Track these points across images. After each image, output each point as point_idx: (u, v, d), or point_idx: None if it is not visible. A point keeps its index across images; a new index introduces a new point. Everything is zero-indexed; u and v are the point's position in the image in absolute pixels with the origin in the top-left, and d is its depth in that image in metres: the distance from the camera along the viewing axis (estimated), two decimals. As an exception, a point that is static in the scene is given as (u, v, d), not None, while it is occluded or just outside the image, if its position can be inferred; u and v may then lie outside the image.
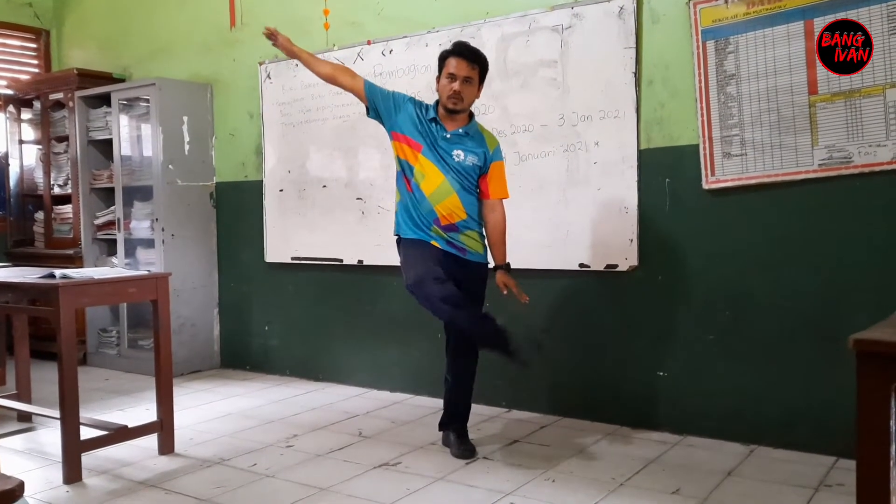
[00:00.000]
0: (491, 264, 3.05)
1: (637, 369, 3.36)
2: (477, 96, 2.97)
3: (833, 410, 2.88)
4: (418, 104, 3.01)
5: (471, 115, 3.01)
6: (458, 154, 2.92)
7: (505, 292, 2.98)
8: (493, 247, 3.01)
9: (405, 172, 2.97)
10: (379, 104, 3.00)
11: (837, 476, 2.72)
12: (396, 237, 3.05)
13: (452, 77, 2.88)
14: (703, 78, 3.13)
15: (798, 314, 2.99)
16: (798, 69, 2.92)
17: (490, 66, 3.64)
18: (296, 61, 4.32)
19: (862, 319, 1.87)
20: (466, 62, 2.89)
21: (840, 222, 2.90)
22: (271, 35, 3.12)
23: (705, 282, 3.20)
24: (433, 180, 2.91)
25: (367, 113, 3.07)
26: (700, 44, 3.13)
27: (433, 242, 2.94)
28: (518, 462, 2.96)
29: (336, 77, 3.09)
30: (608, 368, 3.44)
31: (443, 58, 2.95)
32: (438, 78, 2.96)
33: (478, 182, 2.99)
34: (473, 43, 3.35)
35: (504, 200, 3.03)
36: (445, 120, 2.95)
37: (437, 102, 2.99)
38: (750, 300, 3.09)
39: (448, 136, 2.93)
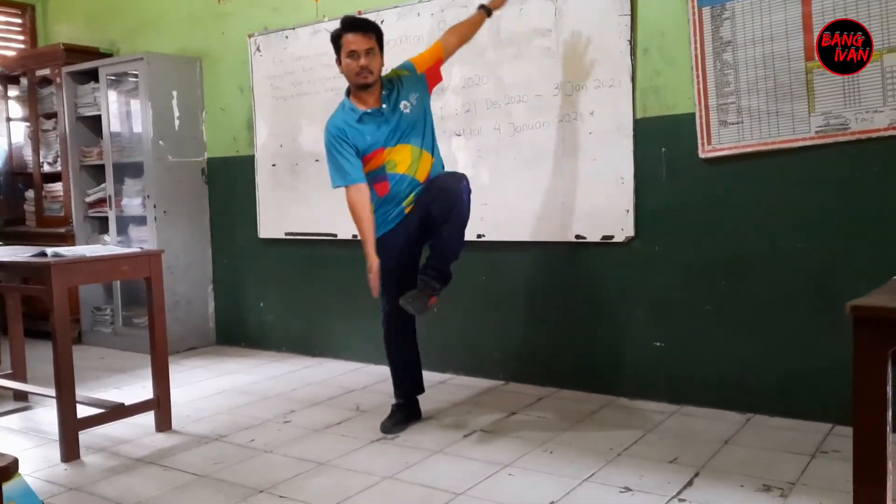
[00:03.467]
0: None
1: (634, 340, 3.36)
2: (382, 64, 2.91)
3: (830, 377, 2.89)
4: (343, 121, 2.89)
5: (380, 81, 2.92)
6: (406, 105, 2.90)
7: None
8: (470, 26, 3.09)
9: (375, 181, 2.93)
10: (359, 164, 2.89)
11: (834, 443, 2.73)
12: None
13: (354, 54, 2.81)
14: (699, 45, 3.09)
15: (795, 282, 2.99)
16: (794, 35, 2.88)
17: (483, 36, 3.59)
18: (286, 34, 4.30)
19: (859, 286, 1.86)
20: (362, 34, 2.83)
21: (837, 189, 2.89)
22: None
23: (702, 251, 3.19)
24: (404, 156, 2.90)
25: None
26: (696, 10, 3.08)
27: (406, 209, 2.93)
28: (516, 434, 2.96)
29: (370, 205, 2.94)
30: (605, 339, 3.44)
31: (336, 38, 2.88)
32: (339, 61, 2.88)
33: (429, 83, 2.99)
34: (465, 12, 3.30)
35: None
36: (365, 102, 2.88)
37: (348, 93, 2.92)
38: (747, 269, 3.09)
39: (383, 108, 2.88)
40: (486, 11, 3.13)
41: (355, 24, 2.86)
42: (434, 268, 2.93)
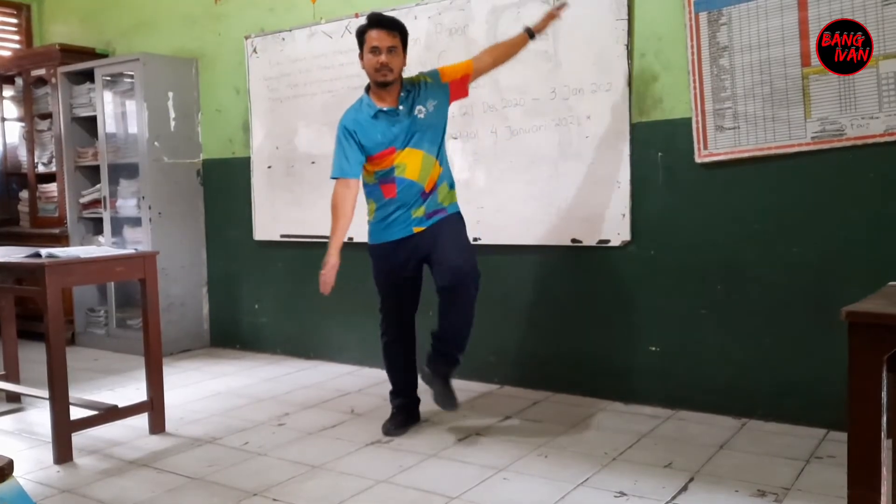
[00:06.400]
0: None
1: (629, 344, 3.36)
2: (404, 64, 2.90)
3: (825, 382, 2.89)
4: (355, 116, 2.89)
5: (401, 81, 2.92)
6: (420, 110, 2.88)
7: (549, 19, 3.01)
8: (508, 47, 3.02)
9: (383, 181, 2.91)
10: (358, 159, 2.89)
11: (829, 448, 2.74)
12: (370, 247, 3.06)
13: (376, 50, 2.81)
14: (695, 50, 3.10)
15: (790, 287, 2.99)
16: (791, 41, 2.89)
17: (480, 38, 3.59)
18: (282, 36, 4.29)
19: (854, 291, 1.87)
20: (386, 32, 2.82)
21: (833, 195, 2.89)
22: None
23: (698, 256, 3.19)
24: (414, 162, 2.87)
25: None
26: (693, 15, 3.09)
27: (415, 229, 2.92)
28: (511, 438, 2.96)
29: (352, 204, 2.97)
30: (601, 344, 3.44)
31: (361, 33, 2.88)
32: (361, 56, 2.88)
33: (448, 107, 2.98)
34: (463, 15, 3.31)
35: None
36: (383, 99, 2.87)
37: (367, 89, 2.92)
38: (742, 274, 3.09)
39: (399, 109, 2.87)
40: (530, 33, 3.02)
41: (379, 21, 2.85)
42: (440, 353, 2.96)
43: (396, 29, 2.86)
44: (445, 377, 2.97)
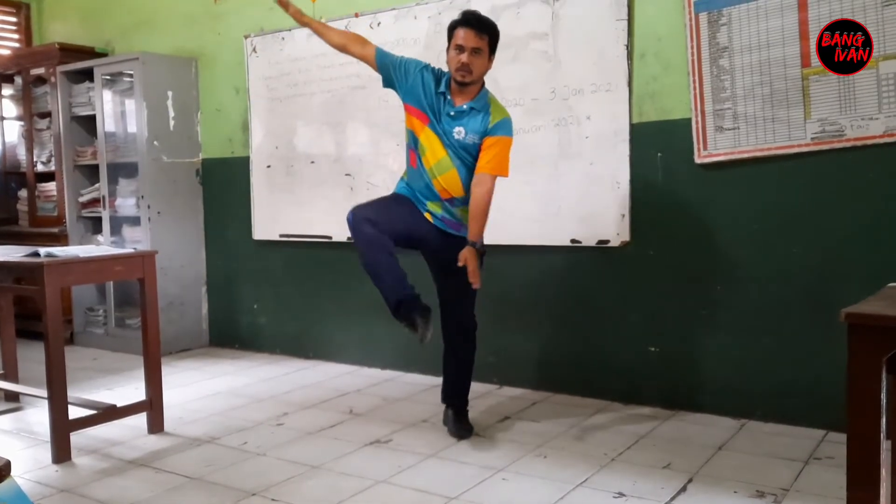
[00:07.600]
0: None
1: (629, 344, 3.36)
2: (488, 67, 2.85)
3: (824, 384, 2.89)
4: (433, 73, 2.89)
5: (482, 86, 2.89)
6: (459, 131, 2.83)
7: (460, 264, 2.75)
8: (469, 220, 2.85)
9: (411, 144, 2.93)
10: (391, 73, 2.90)
11: (827, 449, 2.74)
12: None
13: (460, 49, 2.76)
14: (695, 51, 3.09)
15: (790, 288, 2.99)
16: (791, 41, 2.89)
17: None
18: (282, 35, 4.29)
19: (854, 293, 1.86)
20: (474, 32, 2.76)
21: (832, 196, 2.89)
22: (282, 3, 2.98)
23: (697, 256, 3.19)
24: (436, 153, 2.85)
25: (383, 83, 2.97)
26: (693, 16, 3.09)
27: (426, 214, 2.92)
28: (510, 438, 2.96)
29: (347, 46, 2.96)
30: (600, 344, 3.44)
31: (451, 28, 2.83)
32: (448, 49, 2.84)
33: None
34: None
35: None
36: (455, 94, 2.84)
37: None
38: (742, 274, 3.09)
39: (452, 112, 2.83)
40: (471, 244, 2.82)
41: (469, 21, 2.78)
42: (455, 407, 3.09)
43: (486, 32, 2.79)
44: (456, 411, 3.05)
